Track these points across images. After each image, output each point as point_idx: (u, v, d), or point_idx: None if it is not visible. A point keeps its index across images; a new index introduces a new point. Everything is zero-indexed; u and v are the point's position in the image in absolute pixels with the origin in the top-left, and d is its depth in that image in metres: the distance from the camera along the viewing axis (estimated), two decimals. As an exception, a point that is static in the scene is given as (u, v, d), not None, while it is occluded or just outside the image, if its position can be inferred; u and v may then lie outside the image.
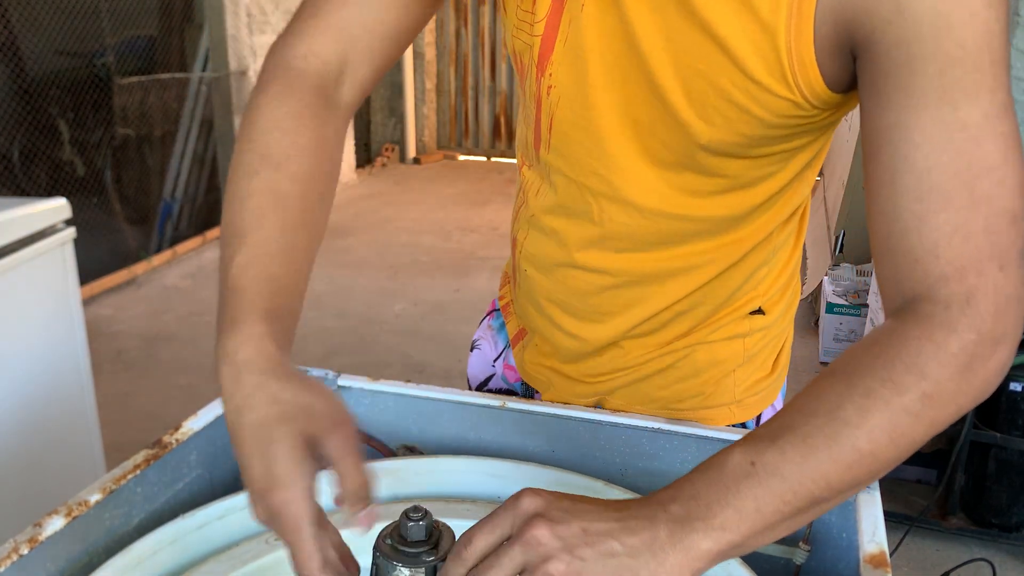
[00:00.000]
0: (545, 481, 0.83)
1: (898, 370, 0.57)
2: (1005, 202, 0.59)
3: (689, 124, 0.73)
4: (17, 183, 3.99)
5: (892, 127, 0.61)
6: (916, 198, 0.60)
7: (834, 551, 0.81)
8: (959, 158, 0.59)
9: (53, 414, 1.90)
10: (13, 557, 0.65)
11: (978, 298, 0.58)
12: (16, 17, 3.90)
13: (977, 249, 0.59)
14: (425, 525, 0.59)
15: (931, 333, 0.58)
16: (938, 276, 0.59)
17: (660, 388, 0.95)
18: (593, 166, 0.81)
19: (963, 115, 0.59)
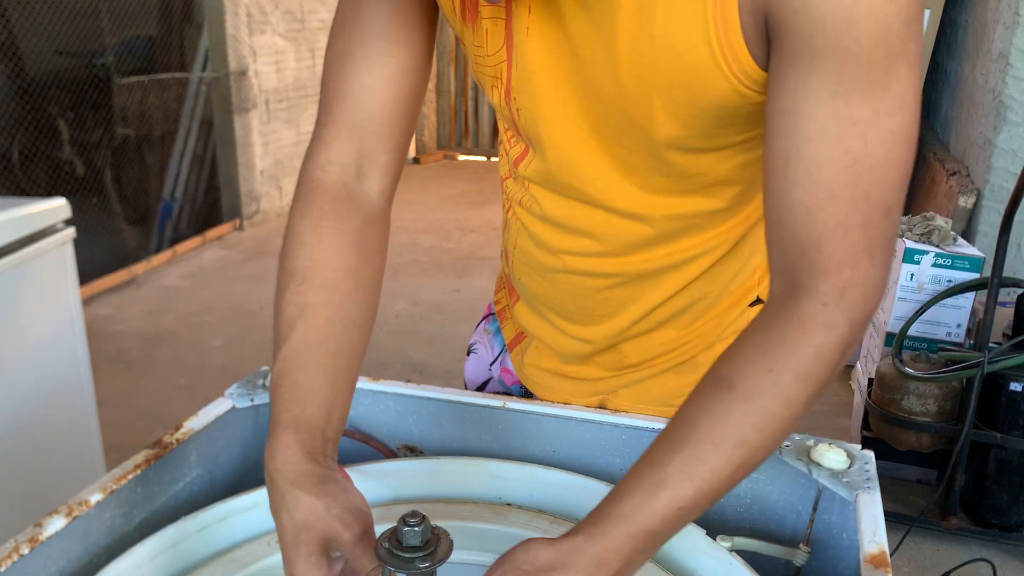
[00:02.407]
0: (545, 483, 0.83)
1: (788, 384, 0.64)
2: (882, 198, 0.64)
3: (644, 125, 0.74)
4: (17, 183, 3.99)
5: (789, 115, 0.64)
6: (805, 191, 0.65)
7: (834, 551, 0.81)
8: (846, 155, 0.63)
9: (53, 414, 1.90)
10: (14, 557, 0.65)
11: (850, 290, 0.65)
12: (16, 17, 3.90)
13: (853, 244, 0.64)
14: (422, 530, 0.59)
15: (813, 337, 0.65)
16: (820, 269, 0.65)
17: (662, 385, 0.95)
18: (567, 179, 0.82)
19: (854, 110, 0.62)
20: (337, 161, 0.79)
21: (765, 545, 0.78)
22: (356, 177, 0.80)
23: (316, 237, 0.75)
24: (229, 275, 4.56)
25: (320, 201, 0.77)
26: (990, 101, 3.16)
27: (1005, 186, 3.05)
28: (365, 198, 0.80)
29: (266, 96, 5.31)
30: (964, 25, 3.67)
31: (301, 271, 0.74)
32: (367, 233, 0.78)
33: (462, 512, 0.79)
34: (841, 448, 0.81)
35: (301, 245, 0.75)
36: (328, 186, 0.78)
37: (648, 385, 0.96)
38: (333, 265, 0.74)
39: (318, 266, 0.74)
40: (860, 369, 3.03)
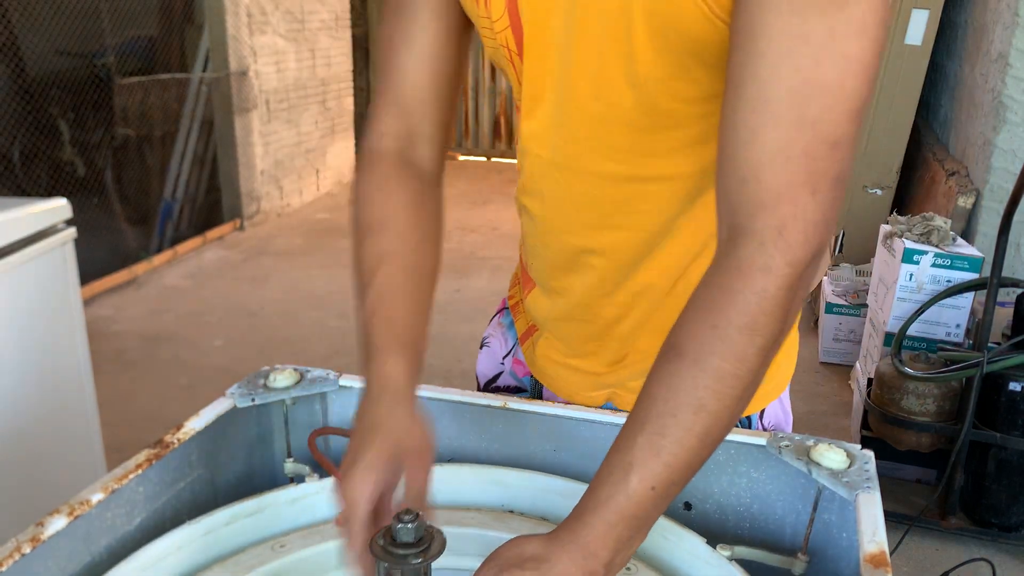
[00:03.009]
0: (548, 489, 0.83)
1: (734, 338, 0.62)
2: (830, 128, 0.61)
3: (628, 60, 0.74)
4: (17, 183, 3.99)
5: (745, 32, 0.63)
6: (752, 109, 0.62)
7: (834, 551, 0.81)
8: (796, 74, 0.61)
9: (53, 414, 1.90)
10: (16, 556, 0.65)
11: (788, 227, 0.62)
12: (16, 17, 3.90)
13: (794, 174, 0.62)
14: (415, 527, 0.60)
15: (752, 283, 0.62)
16: (758, 203, 0.63)
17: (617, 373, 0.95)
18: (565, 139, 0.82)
19: (808, 28, 0.60)
20: (389, 133, 0.86)
21: (764, 554, 0.78)
22: (408, 146, 0.86)
23: (383, 196, 0.83)
24: (229, 275, 4.56)
25: (380, 166, 0.85)
26: (990, 101, 3.16)
27: (1004, 186, 3.05)
28: (419, 165, 0.87)
29: (266, 96, 5.31)
30: (964, 26, 3.67)
31: (375, 225, 0.81)
32: (425, 194, 0.85)
33: (464, 519, 0.80)
34: (841, 448, 0.81)
35: (370, 204, 0.83)
36: (385, 153, 0.85)
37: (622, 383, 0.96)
38: (400, 219, 0.82)
39: (388, 220, 0.82)
40: (860, 369, 3.03)
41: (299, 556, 0.76)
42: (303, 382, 0.93)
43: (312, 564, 0.76)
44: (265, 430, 0.94)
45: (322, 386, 0.93)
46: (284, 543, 0.77)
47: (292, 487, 0.82)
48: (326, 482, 0.83)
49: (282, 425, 0.94)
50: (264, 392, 0.91)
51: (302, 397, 0.93)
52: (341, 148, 6.31)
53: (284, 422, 0.94)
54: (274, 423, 0.95)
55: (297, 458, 0.93)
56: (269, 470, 0.95)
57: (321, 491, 0.82)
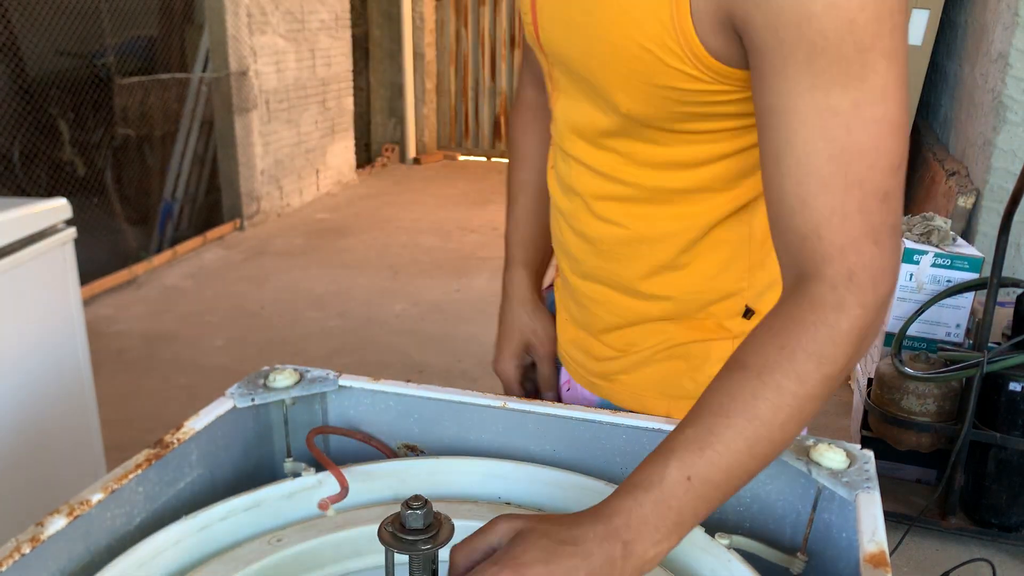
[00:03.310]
0: (546, 481, 0.84)
1: (800, 360, 0.64)
2: (876, 183, 0.65)
3: (609, 94, 0.78)
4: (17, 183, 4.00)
5: (773, 111, 0.66)
6: (797, 181, 0.66)
7: (834, 551, 0.81)
8: (833, 144, 0.64)
9: (53, 414, 1.90)
10: (15, 556, 0.65)
11: (858, 274, 0.66)
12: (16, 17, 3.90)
13: (854, 228, 0.65)
14: (424, 514, 0.61)
15: (824, 316, 0.65)
16: (823, 256, 0.66)
17: (661, 372, 0.96)
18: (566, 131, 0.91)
19: (834, 102, 0.64)
20: (530, 87, 1.11)
21: (763, 548, 0.78)
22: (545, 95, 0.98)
23: (523, 136, 1.11)
24: (230, 275, 4.56)
25: (525, 110, 1.11)
26: (989, 101, 3.16)
27: (1004, 186, 3.05)
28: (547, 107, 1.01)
29: (266, 96, 5.31)
30: (963, 26, 3.67)
31: (520, 158, 1.11)
32: None
33: (461, 511, 0.80)
34: (841, 448, 0.81)
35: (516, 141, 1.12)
36: (529, 101, 1.11)
37: (648, 372, 0.96)
38: (538, 154, 1.08)
39: (528, 155, 1.10)
40: (860, 369, 3.03)
41: (296, 550, 0.76)
42: (303, 382, 0.93)
43: (309, 558, 0.76)
44: (265, 430, 0.94)
45: (322, 386, 0.93)
46: (280, 537, 0.77)
47: (289, 480, 0.82)
48: (323, 476, 0.83)
49: (282, 425, 0.94)
50: (264, 392, 0.91)
51: (302, 397, 0.93)
52: (341, 148, 6.31)
53: (284, 422, 0.94)
54: (274, 423, 0.95)
55: (297, 457, 0.93)
56: (269, 469, 0.95)
57: (318, 485, 0.83)
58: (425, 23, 7.02)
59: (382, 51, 7.08)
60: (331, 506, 0.80)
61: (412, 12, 6.97)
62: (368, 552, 0.78)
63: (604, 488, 0.81)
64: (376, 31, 7.03)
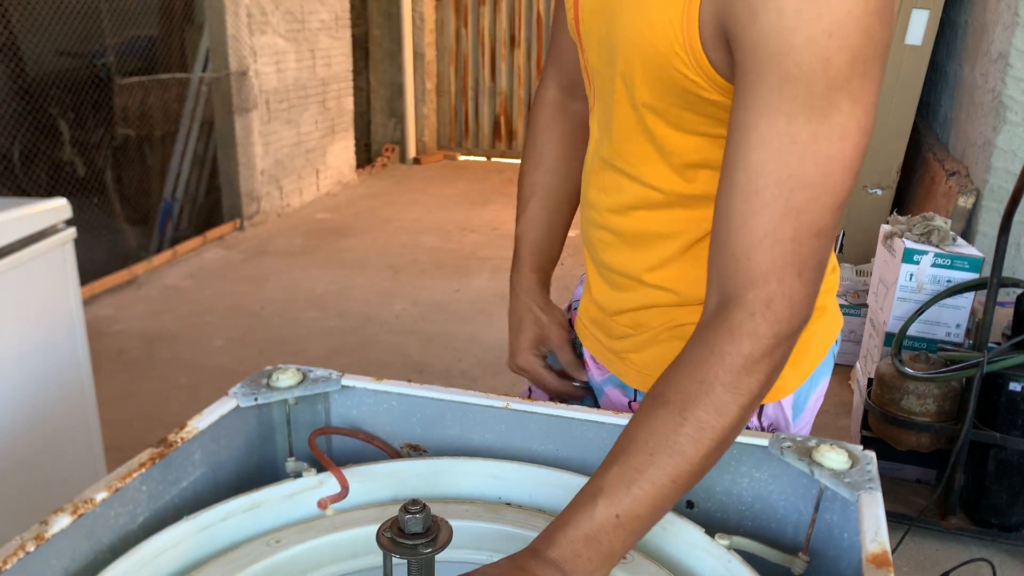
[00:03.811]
0: (548, 482, 0.84)
1: (718, 393, 0.68)
2: (814, 217, 0.68)
3: (628, 84, 0.81)
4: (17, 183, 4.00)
5: (738, 125, 0.70)
6: (743, 198, 0.69)
7: (835, 551, 0.81)
8: (783, 169, 0.67)
9: (53, 414, 1.90)
10: (20, 554, 0.66)
11: (776, 303, 0.69)
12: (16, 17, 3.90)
13: (782, 256, 0.69)
14: (423, 518, 0.61)
15: (740, 347, 0.69)
16: (747, 279, 0.70)
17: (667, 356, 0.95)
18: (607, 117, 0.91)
19: (795, 129, 0.67)
20: (554, 83, 1.11)
21: (765, 549, 0.78)
22: (568, 96, 1.10)
23: (546, 137, 1.11)
24: (230, 275, 4.56)
25: (545, 109, 1.11)
26: (989, 101, 3.16)
27: (1004, 186, 3.05)
28: (574, 109, 1.11)
29: (267, 96, 5.31)
30: (963, 26, 3.68)
31: (535, 160, 1.11)
32: (576, 133, 1.10)
33: (460, 511, 0.80)
34: (843, 448, 0.81)
35: (534, 141, 1.12)
36: (550, 100, 1.11)
37: (655, 352, 0.97)
38: (555, 155, 1.10)
39: (544, 157, 1.11)
40: (860, 369, 3.03)
41: (295, 551, 0.76)
42: (306, 382, 0.93)
43: (308, 559, 0.76)
44: (267, 429, 0.94)
45: (325, 386, 0.93)
46: (280, 538, 0.77)
47: (289, 481, 0.83)
48: (324, 476, 0.83)
49: (284, 425, 0.94)
50: (267, 392, 0.91)
51: (305, 397, 0.93)
52: (341, 148, 6.31)
53: (286, 422, 0.94)
54: (276, 423, 0.95)
55: (299, 457, 0.93)
56: (271, 469, 0.95)
57: (318, 486, 0.83)
58: (425, 23, 7.02)
59: (382, 51, 7.08)
60: (330, 505, 0.80)
61: (412, 12, 6.97)
62: (365, 553, 0.78)
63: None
64: (376, 31, 7.03)
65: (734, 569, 0.72)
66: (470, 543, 0.78)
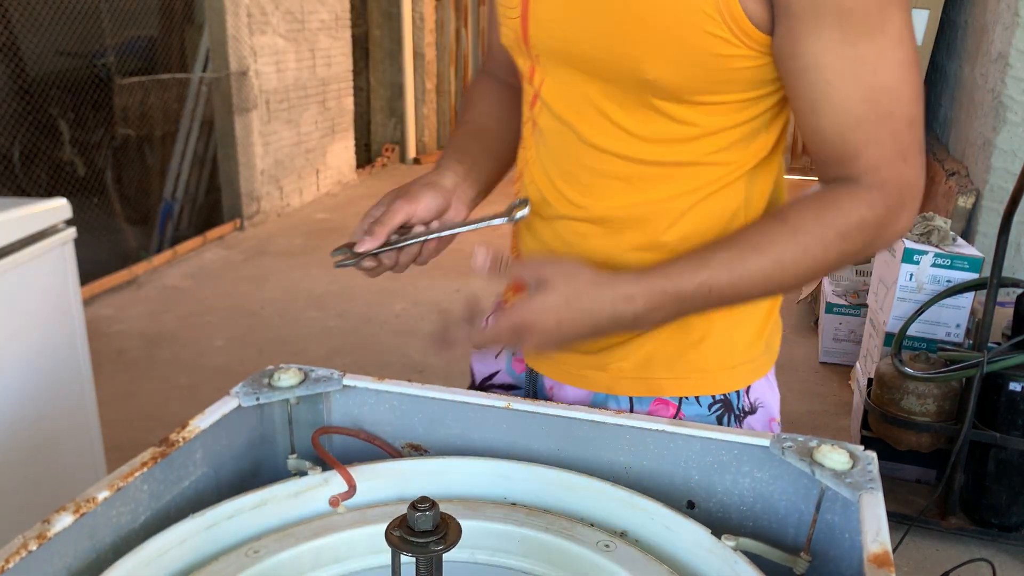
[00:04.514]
0: (551, 481, 0.84)
1: (830, 233, 0.79)
2: (904, 112, 0.78)
3: (635, 63, 0.81)
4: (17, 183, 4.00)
5: (809, 68, 0.77)
6: (836, 121, 0.78)
7: (836, 551, 0.81)
8: (863, 87, 0.77)
9: (53, 414, 1.90)
10: (22, 553, 0.66)
11: (888, 184, 0.79)
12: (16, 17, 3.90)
13: (887, 151, 0.78)
14: (432, 515, 0.61)
15: (857, 206, 0.79)
16: (860, 171, 0.79)
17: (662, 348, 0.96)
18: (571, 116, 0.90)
19: (862, 52, 0.75)
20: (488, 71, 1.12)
21: (767, 549, 0.78)
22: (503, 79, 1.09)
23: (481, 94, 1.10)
24: (230, 275, 4.56)
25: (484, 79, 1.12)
26: (989, 101, 3.17)
27: (1004, 186, 3.05)
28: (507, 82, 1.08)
29: (267, 96, 5.31)
30: (963, 26, 3.68)
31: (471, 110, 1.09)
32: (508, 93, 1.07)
33: (466, 512, 0.80)
34: (844, 449, 0.81)
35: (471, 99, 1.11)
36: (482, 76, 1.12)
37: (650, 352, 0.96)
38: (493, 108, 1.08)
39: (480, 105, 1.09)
40: (860, 369, 3.03)
41: (299, 550, 0.76)
42: (307, 381, 0.93)
43: (313, 557, 0.76)
44: (268, 429, 0.95)
45: (326, 385, 0.93)
46: (283, 537, 0.77)
47: (295, 479, 0.83)
48: (328, 474, 0.83)
49: (286, 424, 0.94)
50: (268, 391, 0.91)
51: (306, 396, 0.93)
52: (341, 148, 6.31)
53: (288, 421, 0.94)
54: (277, 422, 0.95)
55: (300, 456, 0.93)
56: (272, 469, 0.95)
57: (323, 484, 0.83)
58: (425, 23, 7.03)
59: (382, 51, 7.08)
60: (341, 503, 0.80)
61: (412, 12, 6.97)
62: (373, 552, 0.78)
63: (610, 488, 0.81)
64: (376, 31, 7.03)
65: (741, 571, 0.72)
66: (477, 543, 0.78)
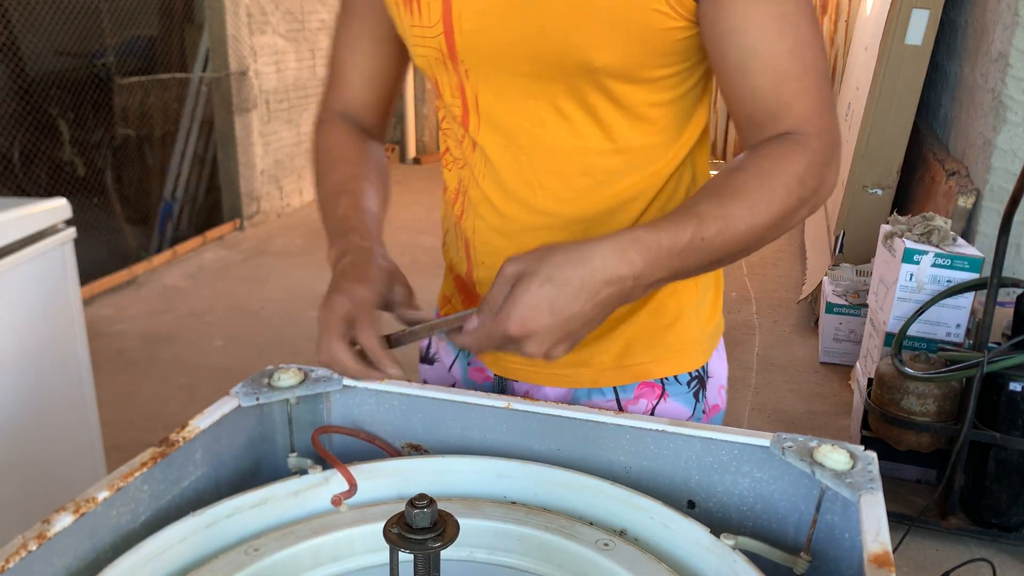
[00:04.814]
0: (551, 481, 0.84)
1: (788, 179, 0.80)
2: (822, 65, 0.83)
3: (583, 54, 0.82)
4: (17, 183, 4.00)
5: (736, 30, 0.81)
6: (766, 77, 0.81)
7: (837, 551, 0.81)
8: (789, 39, 0.80)
9: (53, 414, 1.90)
10: (22, 553, 0.66)
11: (822, 134, 0.83)
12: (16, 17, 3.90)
13: (814, 103, 0.82)
14: (430, 512, 0.61)
15: (801, 152, 0.81)
16: (795, 123, 0.82)
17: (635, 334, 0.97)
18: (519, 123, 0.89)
19: (783, 8, 0.80)
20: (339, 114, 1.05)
21: (767, 549, 0.78)
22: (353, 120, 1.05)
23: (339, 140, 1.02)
24: (229, 275, 4.56)
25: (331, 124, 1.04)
26: (990, 101, 3.17)
27: (1004, 186, 3.05)
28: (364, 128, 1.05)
29: (266, 96, 5.31)
30: (963, 26, 3.68)
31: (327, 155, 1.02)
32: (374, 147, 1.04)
33: (465, 510, 0.80)
34: (844, 449, 0.81)
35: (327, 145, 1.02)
36: (339, 121, 1.04)
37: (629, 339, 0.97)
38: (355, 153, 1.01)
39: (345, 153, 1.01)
40: (860, 369, 3.03)
41: (303, 547, 0.76)
42: (307, 381, 0.93)
43: (314, 556, 0.76)
44: (268, 429, 0.95)
45: (326, 385, 0.93)
46: (284, 535, 0.77)
47: (296, 478, 0.83)
48: (329, 473, 0.83)
49: (286, 424, 0.94)
50: (268, 391, 0.91)
51: (306, 396, 0.93)
52: (341, 148, 6.31)
53: (288, 421, 0.94)
54: (277, 422, 0.95)
55: (300, 455, 0.93)
56: (272, 469, 0.95)
57: (324, 483, 0.83)
58: (425, 23, 7.02)
59: (382, 51, 7.08)
60: (343, 501, 0.80)
61: (412, 12, 6.97)
62: (372, 550, 0.78)
63: (609, 487, 0.81)
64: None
65: (739, 570, 0.72)
66: (476, 542, 0.78)
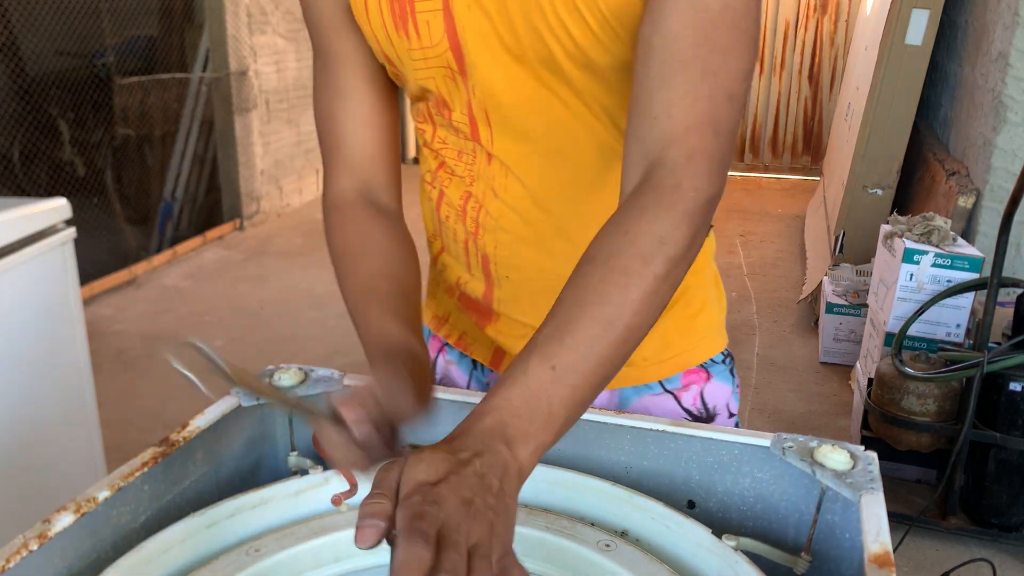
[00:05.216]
0: (551, 481, 0.84)
1: (643, 242, 0.68)
2: (727, 81, 0.72)
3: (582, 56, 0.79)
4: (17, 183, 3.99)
5: (651, 8, 0.73)
6: (662, 60, 0.72)
7: (837, 551, 0.81)
8: (698, 33, 0.71)
9: (53, 414, 1.90)
10: (23, 553, 0.66)
11: (696, 157, 0.71)
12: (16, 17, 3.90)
13: (701, 113, 0.71)
14: None
15: (662, 199, 0.69)
16: (669, 136, 0.71)
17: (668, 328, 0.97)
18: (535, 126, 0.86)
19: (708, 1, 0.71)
20: (349, 188, 0.92)
21: (768, 549, 0.78)
22: (369, 195, 0.92)
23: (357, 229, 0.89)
24: (229, 275, 4.56)
25: (349, 210, 0.90)
26: (990, 101, 3.17)
27: (1005, 186, 3.05)
28: (383, 206, 0.93)
29: (266, 96, 5.31)
30: (964, 26, 3.68)
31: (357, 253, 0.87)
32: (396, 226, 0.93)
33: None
34: (844, 449, 0.81)
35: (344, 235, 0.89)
36: (351, 202, 0.91)
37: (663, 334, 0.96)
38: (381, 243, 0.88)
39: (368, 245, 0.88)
40: (860, 369, 3.04)
41: (304, 547, 0.76)
42: (308, 381, 0.93)
43: (315, 556, 0.76)
44: (269, 429, 0.95)
45: (327, 385, 0.93)
46: (286, 535, 0.77)
47: (296, 478, 0.83)
48: (329, 473, 0.83)
49: (286, 424, 0.94)
50: (268, 391, 0.91)
51: (307, 396, 0.93)
52: (341, 148, 6.30)
53: (288, 421, 0.94)
54: (278, 422, 0.95)
55: (301, 453, 0.93)
56: (272, 468, 0.95)
57: (324, 483, 0.83)
58: (425, 23, 7.02)
59: (382, 51, 7.08)
60: (344, 501, 0.80)
61: (412, 12, 6.97)
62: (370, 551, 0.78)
63: (609, 488, 0.81)
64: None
65: (741, 571, 0.72)
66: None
